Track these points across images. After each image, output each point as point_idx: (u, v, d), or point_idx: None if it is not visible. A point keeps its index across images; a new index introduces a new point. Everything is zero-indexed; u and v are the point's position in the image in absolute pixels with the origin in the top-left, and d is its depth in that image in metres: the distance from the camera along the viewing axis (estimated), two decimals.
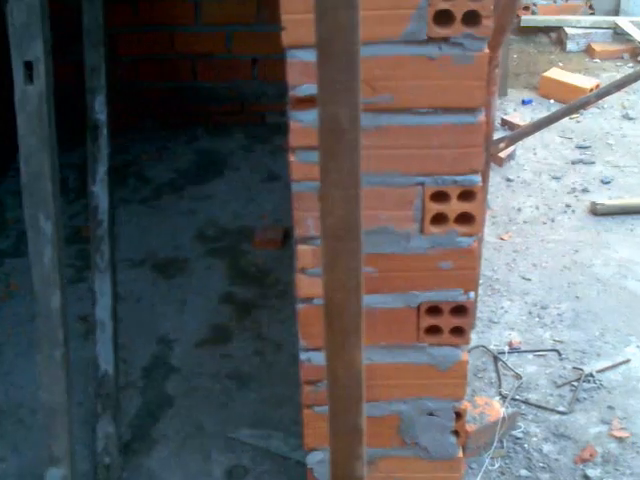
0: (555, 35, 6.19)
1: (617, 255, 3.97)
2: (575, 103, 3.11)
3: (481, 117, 1.72)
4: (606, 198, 4.38)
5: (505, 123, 5.12)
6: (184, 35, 4.67)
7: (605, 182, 4.55)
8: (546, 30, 6.22)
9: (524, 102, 5.41)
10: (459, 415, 2.16)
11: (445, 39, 1.63)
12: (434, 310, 1.96)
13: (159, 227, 4.05)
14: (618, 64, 5.91)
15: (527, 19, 6.19)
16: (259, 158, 4.57)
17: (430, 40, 1.63)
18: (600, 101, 5.10)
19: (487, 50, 1.65)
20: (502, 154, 4.58)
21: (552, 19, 6.17)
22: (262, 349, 3.30)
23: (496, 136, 4.68)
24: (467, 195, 1.80)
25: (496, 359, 3.34)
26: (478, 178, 1.79)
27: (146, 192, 4.34)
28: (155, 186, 4.38)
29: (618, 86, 3.10)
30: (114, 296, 2.56)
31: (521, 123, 4.95)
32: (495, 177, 4.59)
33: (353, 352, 0.93)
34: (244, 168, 4.52)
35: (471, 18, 1.61)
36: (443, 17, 1.61)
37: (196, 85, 4.77)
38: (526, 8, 6.22)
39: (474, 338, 3.46)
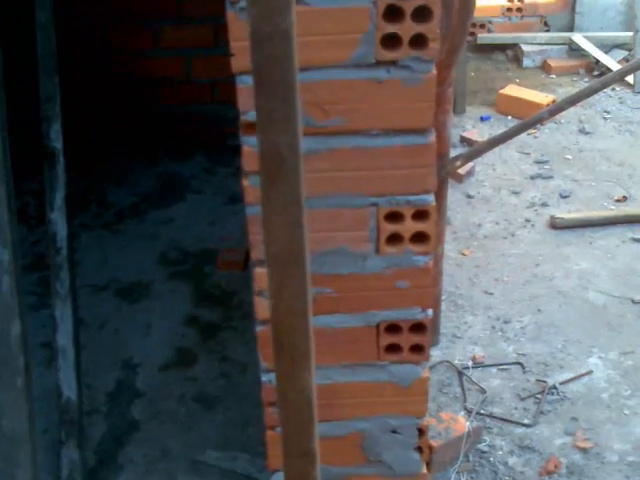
0: (511, 52, 6.28)
1: (577, 267, 4.03)
2: (530, 120, 3.16)
3: (432, 137, 1.75)
4: (565, 212, 4.44)
5: (464, 140, 5.17)
6: (143, 60, 4.68)
7: (564, 196, 4.62)
8: (502, 47, 6.31)
9: (482, 119, 5.47)
10: (422, 431, 2.18)
11: (393, 62, 1.66)
12: (393, 328, 1.98)
13: (122, 252, 4.04)
14: (574, 79, 6.00)
15: (484, 37, 6.27)
16: (221, 180, 4.59)
17: (379, 63, 1.66)
18: (557, 116, 5.18)
19: (435, 72, 1.68)
20: (461, 171, 4.63)
21: (508, 36, 6.26)
22: (227, 371, 3.30)
23: (455, 153, 4.75)
24: (421, 215, 1.83)
25: (460, 374, 3.37)
26: (431, 197, 1.82)
27: (108, 217, 4.33)
28: (117, 211, 4.38)
29: (571, 102, 3.16)
30: (75, 322, 2.56)
31: (479, 139, 5.01)
32: (455, 193, 4.64)
33: (303, 375, 0.94)
34: (206, 191, 4.53)
35: (418, 41, 1.65)
36: (391, 41, 1.64)
37: (156, 109, 4.78)
38: (482, 26, 6.31)
39: (438, 354, 3.49)
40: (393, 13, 1.62)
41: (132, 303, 3.69)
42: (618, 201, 4.57)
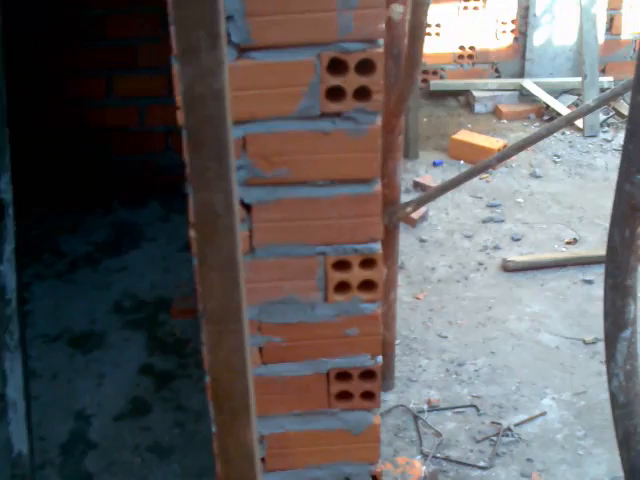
0: (463, 98, 6.39)
1: (530, 310, 4.07)
2: (480, 165, 3.22)
3: (377, 187, 1.78)
4: (517, 254, 4.50)
5: (417, 185, 5.23)
6: (97, 109, 4.69)
7: (515, 239, 4.68)
8: (455, 94, 6.41)
9: (435, 164, 5.55)
10: (375, 478, 2.19)
11: (338, 114, 1.70)
12: (343, 376, 1.99)
13: (75, 301, 4.01)
14: (525, 124, 6.11)
15: (436, 83, 6.37)
16: (175, 228, 4.59)
17: (323, 115, 1.69)
18: (509, 160, 5.27)
19: (379, 123, 1.72)
20: (415, 215, 4.68)
21: (460, 83, 6.37)
22: (182, 419, 3.28)
23: (408, 198, 4.81)
24: (368, 263, 1.86)
25: (416, 418, 3.38)
26: (378, 246, 1.85)
27: (61, 266, 4.30)
28: (70, 260, 4.35)
29: (520, 147, 3.22)
30: (25, 374, 2.53)
31: (432, 184, 5.07)
32: (409, 238, 4.69)
33: (244, 432, 0.95)
34: (161, 238, 4.52)
35: (362, 93, 1.68)
36: (335, 93, 1.68)
37: (110, 158, 4.78)
38: (435, 73, 6.41)
39: (393, 398, 3.50)
40: (337, 66, 1.66)
41: (85, 353, 3.66)
42: (569, 243, 4.64)
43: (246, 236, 1.79)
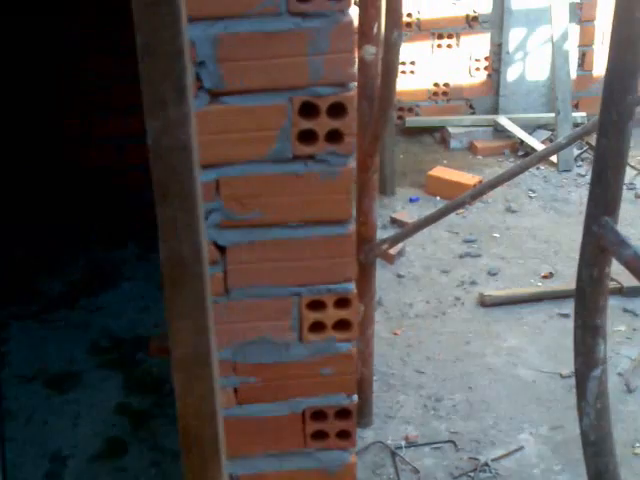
0: (439, 134, 6.45)
1: (506, 344, 4.10)
2: (455, 202, 3.25)
3: (350, 228, 1.80)
4: (493, 289, 4.53)
5: (394, 221, 5.27)
6: (74, 148, 4.71)
7: (492, 274, 4.72)
8: (430, 130, 6.47)
9: (411, 200, 5.59)
10: None
11: (310, 156, 1.72)
12: (319, 415, 1.99)
13: (52, 341, 3.99)
14: (500, 160, 6.17)
15: (411, 120, 6.43)
16: (153, 266, 4.57)
17: (296, 158, 1.71)
18: (485, 196, 5.31)
19: (351, 165, 1.74)
20: (392, 251, 4.70)
21: (435, 119, 6.43)
22: (159, 459, 3.26)
23: (385, 234, 4.84)
24: (343, 302, 1.87)
25: (394, 454, 3.38)
26: (352, 286, 1.86)
27: (38, 306, 4.28)
28: (47, 299, 4.34)
29: (492, 185, 3.26)
30: (0, 416, 2.52)
31: (409, 220, 5.10)
32: (386, 274, 4.71)
33: (214, 476, 0.96)
34: (138, 277, 4.51)
35: (334, 136, 1.71)
36: (307, 135, 1.70)
37: (88, 197, 4.78)
38: (410, 110, 6.47)
39: (371, 434, 3.50)
40: (309, 110, 1.68)
41: (61, 393, 3.64)
42: (545, 277, 4.67)
43: (220, 278, 1.80)
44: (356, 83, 1.69)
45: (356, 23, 2.56)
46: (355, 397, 1.99)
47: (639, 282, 1.17)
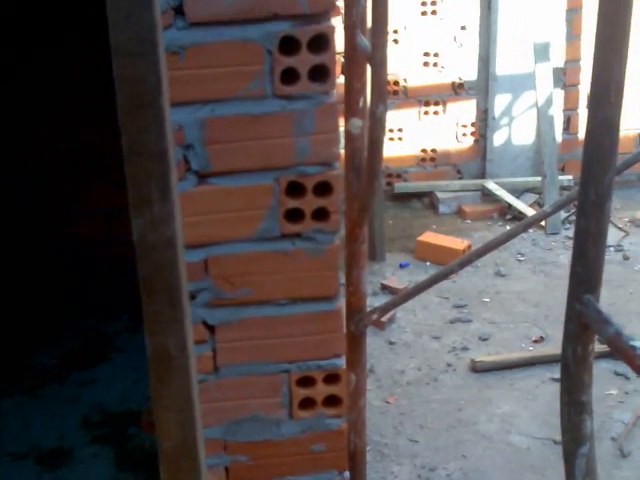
0: (427, 200, 6.50)
1: (499, 410, 4.08)
2: (442, 271, 3.26)
3: (338, 304, 1.81)
4: (485, 354, 4.52)
5: (385, 287, 5.28)
6: (65, 218, 4.74)
7: (483, 339, 4.72)
8: (419, 195, 6.53)
9: (401, 265, 5.60)
10: None
11: (297, 234, 1.74)
12: None
13: (43, 417, 3.96)
14: (488, 223, 6.21)
15: (400, 186, 6.49)
16: (144, 338, 4.57)
17: (283, 236, 1.74)
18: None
19: (338, 242, 1.76)
20: (383, 318, 4.70)
21: (423, 185, 6.49)
22: None
23: (376, 300, 4.85)
24: (332, 378, 1.88)
25: None
26: (341, 361, 1.87)
27: (29, 380, 4.26)
28: (38, 374, 4.32)
29: (480, 253, 3.28)
30: None
31: (399, 286, 5.12)
32: (378, 341, 4.70)
33: None
34: (130, 349, 4.50)
35: (320, 214, 1.73)
36: (294, 214, 1.73)
37: (79, 269, 4.79)
38: (398, 176, 6.53)
39: None
40: (295, 189, 1.71)
41: (53, 470, 3.60)
42: (536, 342, 4.67)
43: (210, 356, 1.81)
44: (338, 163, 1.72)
45: (342, 97, 2.61)
46: (347, 474, 1.99)
47: (623, 360, 1.18)
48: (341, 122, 2.07)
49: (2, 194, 4.68)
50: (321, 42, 1.61)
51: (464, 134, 6.47)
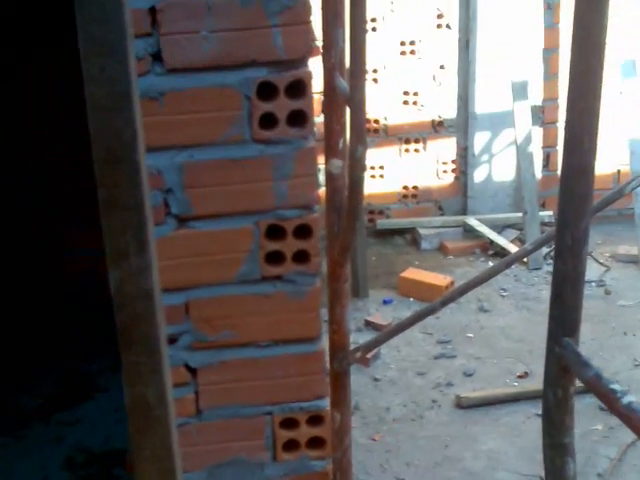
0: (410, 236, 6.53)
1: (485, 447, 4.07)
2: (425, 310, 3.27)
3: (320, 345, 1.82)
4: (470, 390, 4.52)
5: (369, 324, 5.28)
6: (47, 258, 4.73)
7: (468, 374, 4.72)
8: (401, 232, 6.56)
9: (385, 302, 5.61)
10: None
11: (278, 277, 1.75)
12: None
13: (26, 458, 3.92)
14: (470, 259, 6.24)
15: (382, 222, 6.52)
16: None
17: (264, 279, 1.75)
18: None
19: (318, 284, 1.77)
20: (367, 355, 4.70)
21: (405, 221, 6.52)
22: None
23: (360, 337, 4.85)
24: (316, 420, 1.88)
25: None
26: (324, 402, 1.87)
27: (11, 422, 4.22)
28: (21, 414, 4.28)
29: (462, 291, 3.29)
30: None
31: (383, 323, 5.13)
32: (362, 377, 4.70)
33: None
34: (113, 388, 4.47)
35: (301, 256, 1.74)
36: (275, 256, 1.74)
37: (61, 308, 4.78)
38: (381, 213, 6.57)
39: None
40: (276, 232, 1.72)
41: None
42: (520, 377, 4.68)
43: (192, 399, 1.81)
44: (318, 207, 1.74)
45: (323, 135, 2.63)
46: None
47: (602, 403, 1.19)
48: (322, 161, 2.10)
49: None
50: (299, 87, 1.63)
51: (445, 171, 6.52)
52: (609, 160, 6.35)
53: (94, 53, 0.78)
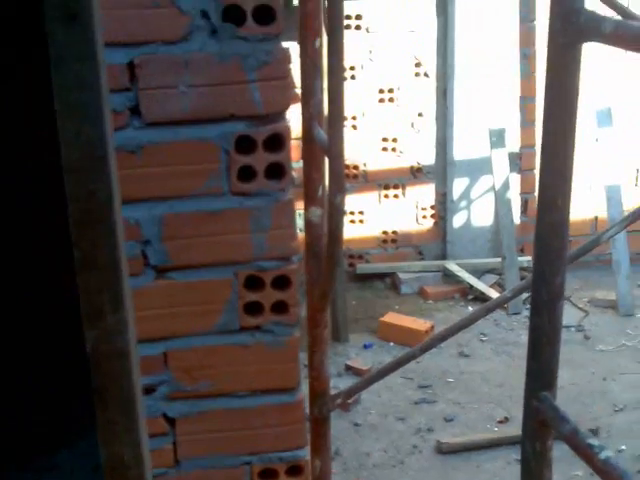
0: (389, 280, 6.55)
1: None
2: (405, 356, 3.28)
3: (299, 395, 1.82)
4: (450, 436, 4.51)
5: (349, 368, 5.28)
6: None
7: (448, 420, 4.71)
8: (381, 276, 6.58)
9: (365, 346, 5.61)
10: None
11: (257, 327, 1.76)
12: None
13: None
14: (450, 304, 6.26)
15: (362, 267, 6.54)
16: None
17: (243, 329, 1.75)
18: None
19: (297, 335, 1.78)
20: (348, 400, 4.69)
21: (385, 266, 6.55)
22: None
23: (341, 381, 4.84)
24: (295, 470, 1.88)
25: None
26: (304, 452, 1.87)
27: None
28: None
29: (442, 338, 3.30)
30: None
31: (364, 367, 5.13)
32: (342, 422, 4.68)
33: None
34: (91, 435, 4.42)
35: (279, 307, 1.76)
36: (253, 306, 1.75)
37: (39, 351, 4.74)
38: (360, 257, 6.59)
39: None
40: (254, 282, 1.73)
41: None
42: (500, 422, 4.68)
43: (170, 449, 1.80)
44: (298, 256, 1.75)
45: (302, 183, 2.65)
46: None
47: (582, 459, 1.20)
48: (301, 206, 2.12)
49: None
50: (277, 141, 1.65)
51: (424, 216, 6.56)
52: (587, 206, 6.42)
53: (70, 117, 0.79)
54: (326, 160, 2.78)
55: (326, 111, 2.63)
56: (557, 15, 1.10)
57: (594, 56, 5.75)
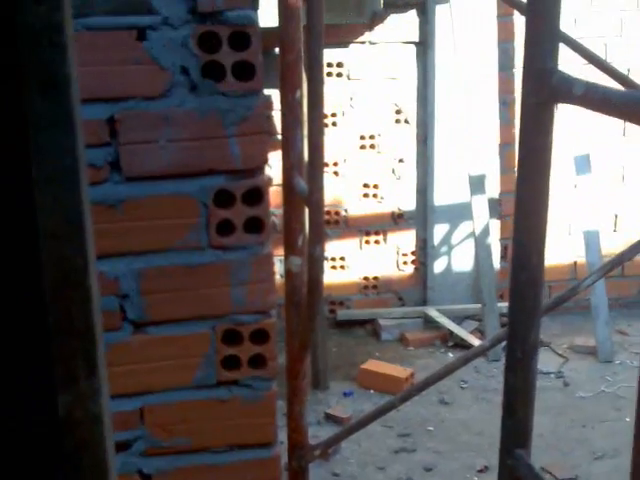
0: (370, 327, 6.53)
1: None
2: (386, 405, 3.27)
3: (276, 450, 1.81)
4: None
5: (329, 417, 5.24)
6: None
7: (427, 469, 4.67)
8: (362, 322, 6.56)
9: (345, 394, 5.58)
10: None
11: (234, 382, 1.75)
12: None
13: None
14: (430, 350, 6.24)
15: (343, 313, 6.52)
16: None
17: (220, 384, 1.74)
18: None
19: (275, 389, 1.77)
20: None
21: (366, 312, 6.53)
22: None
23: (320, 430, 4.81)
24: None
25: None
26: None
27: None
28: None
29: (422, 387, 3.29)
30: None
31: (344, 416, 5.09)
32: (322, 472, 4.63)
33: None
34: None
35: (258, 361, 1.75)
36: (231, 361, 1.74)
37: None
38: (341, 303, 6.58)
39: None
40: (232, 336, 1.72)
41: None
42: (480, 471, 4.65)
43: None
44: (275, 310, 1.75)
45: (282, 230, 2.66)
46: None
47: None
48: (281, 253, 2.12)
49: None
50: (256, 195, 1.65)
51: (405, 262, 6.58)
52: (566, 251, 6.46)
53: (47, 183, 0.79)
54: (306, 209, 2.79)
55: (307, 159, 2.65)
56: (530, 75, 1.12)
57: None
